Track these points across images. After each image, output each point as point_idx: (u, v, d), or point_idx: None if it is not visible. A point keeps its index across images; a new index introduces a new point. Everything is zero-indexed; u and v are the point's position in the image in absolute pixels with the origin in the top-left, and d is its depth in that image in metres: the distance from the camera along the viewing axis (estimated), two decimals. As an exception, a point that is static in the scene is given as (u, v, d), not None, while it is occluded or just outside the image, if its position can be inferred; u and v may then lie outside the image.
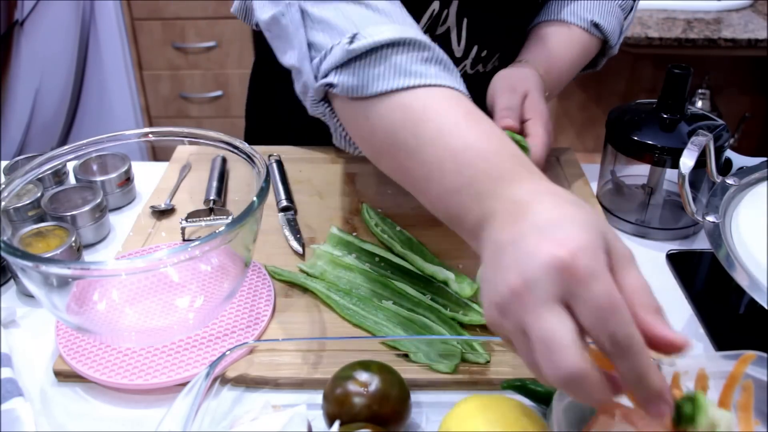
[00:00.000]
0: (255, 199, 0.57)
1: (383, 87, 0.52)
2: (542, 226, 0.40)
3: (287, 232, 0.77)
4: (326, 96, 0.58)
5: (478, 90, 0.85)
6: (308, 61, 0.57)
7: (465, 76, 0.72)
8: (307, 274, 0.71)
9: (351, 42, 0.53)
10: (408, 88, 0.51)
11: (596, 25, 0.84)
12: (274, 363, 0.59)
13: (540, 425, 0.48)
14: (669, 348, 0.39)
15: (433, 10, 0.78)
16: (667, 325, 0.39)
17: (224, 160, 0.88)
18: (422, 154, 0.49)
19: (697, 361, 0.46)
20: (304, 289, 0.69)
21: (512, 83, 0.76)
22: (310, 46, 0.56)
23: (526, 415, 0.48)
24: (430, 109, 0.50)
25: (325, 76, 0.55)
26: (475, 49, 0.83)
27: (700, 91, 1.92)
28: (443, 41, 0.81)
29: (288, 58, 0.60)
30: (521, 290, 0.38)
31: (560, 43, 0.83)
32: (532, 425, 0.47)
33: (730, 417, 0.42)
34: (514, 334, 0.40)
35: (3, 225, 0.63)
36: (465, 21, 0.80)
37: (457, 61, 0.83)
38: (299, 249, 0.74)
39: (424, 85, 0.51)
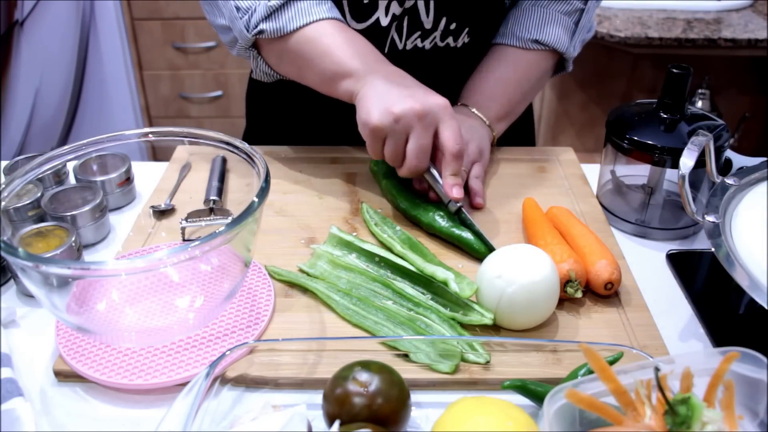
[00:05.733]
0: (255, 199, 0.57)
1: (295, 25, 0.78)
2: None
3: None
4: (253, 43, 0.82)
5: (448, 64, 0.92)
6: (238, 21, 0.80)
7: (435, 49, 0.90)
8: (307, 274, 0.71)
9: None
10: (310, 23, 0.78)
11: (537, 41, 0.89)
12: (274, 363, 0.59)
13: (530, 425, 0.47)
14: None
15: None
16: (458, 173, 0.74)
17: (224, 160, 0.88)
18: (317, 63, 0.78)
19: (682, 359, 0.47)
20: (304, 289, 0.69)
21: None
22: (238, 9, 0.79)
23: (515, 417, 0.48)
24: (323, 35, 0.78)
25: (255, 27, 0.79)
26: (443, 20, 0.86)
27: (700, 91, 1.92)
28: (412, 12, 0.85)
29: (219, 20, 0.83)
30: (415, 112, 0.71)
31: (503, 73, 0.90)
32: (521, 426, 0.47)
33: (720, 416, 0.42)
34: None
35: (3, 225, 0.63)
36: None
37: (427, 33, 0.87)
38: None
39: (319, 20, 0.78)
